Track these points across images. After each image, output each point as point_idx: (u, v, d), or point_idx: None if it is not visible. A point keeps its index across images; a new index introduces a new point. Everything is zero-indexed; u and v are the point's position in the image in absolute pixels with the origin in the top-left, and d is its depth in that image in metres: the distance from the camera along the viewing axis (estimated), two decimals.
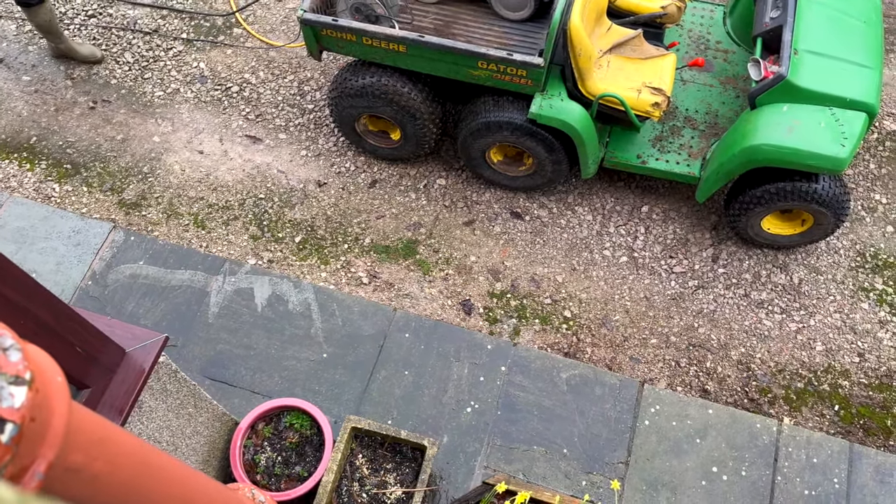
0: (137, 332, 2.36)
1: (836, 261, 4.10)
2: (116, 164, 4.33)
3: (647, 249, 4.12)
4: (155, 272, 3.88)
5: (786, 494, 3.39)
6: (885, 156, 4.41)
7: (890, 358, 3.84)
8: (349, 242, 4.11)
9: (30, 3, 3.90)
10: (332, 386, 3.60)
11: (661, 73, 3.74)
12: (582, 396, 3.59)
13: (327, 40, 3.71)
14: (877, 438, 3.64)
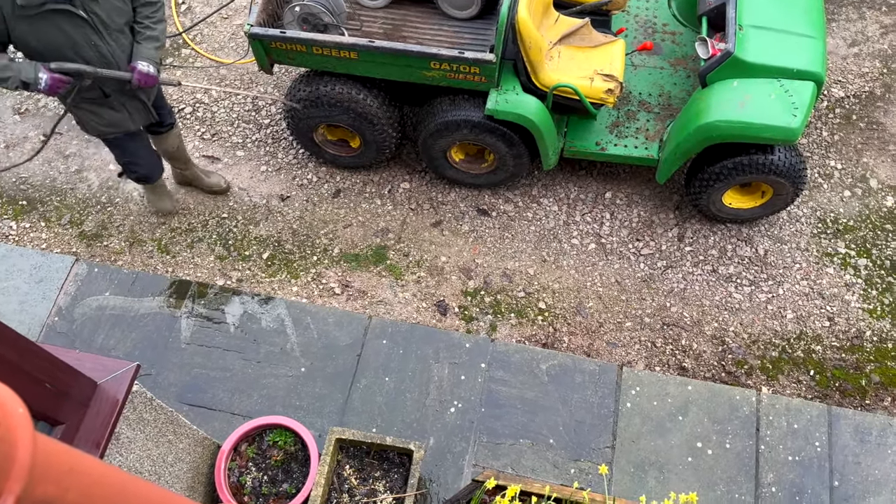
0: (108, 364, 2.32)
1: (799, 229, 4.18)
2: (73, 196, 4.25)
3: (614, 235, 4.16)
4: (122, 302, 3.81)
5: (770, 462, 3.44)
6: (836, 123, 4.50)
7: (859, 319, 3.93)
8: (318, 254, 4.08)
9: (159, 131, 3.66)
10: (313, 399, 3.57)
11: (612, 59, 3.78)
12: (563, 385, 3.61)
13: (277, 53, 3.68)
14: (853, 399, 3.72)
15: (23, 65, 2.87)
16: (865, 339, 3.87)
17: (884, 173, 4.34)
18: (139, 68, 3.09)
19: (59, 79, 2.92)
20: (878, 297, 3.99)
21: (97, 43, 2.96)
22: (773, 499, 3.36)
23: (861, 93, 4.59)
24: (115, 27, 3.00)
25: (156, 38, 3.14)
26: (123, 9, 3.00)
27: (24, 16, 2.74)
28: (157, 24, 3.15)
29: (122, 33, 3.05)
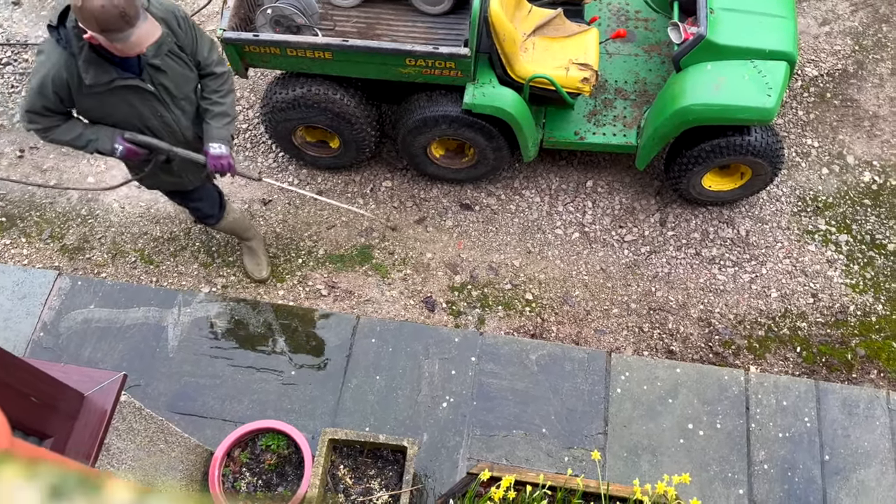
0: (94, 375, 2.31)
1: (779, 208, 4.22)
2: (53, 210, 4.22)
3: (597, 223, 4.18)
4: (108, 314, 3.79)
5: (762, 440, 3.47)
6: (810, 101, 4.54)
7: (842, 294, 3.97)
8: (303, 257, 4.07)
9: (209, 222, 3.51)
10: (305, 402, 3.57)
11: (586, 48, 3.79)
12: (553, 374, 3.62)
13: (251, 56, 3.66)
14: (840, 373, 3.76)
15: (99, 133, 2.81)
16: (849, 313, 3.92)
17: (860, 149, 4.39)
18: (211, 152, 2.95)
19: (133, 149, 2.86)
20: (859, 271, 4.03)
21: (162, 113, 2.86)
22: (765, 476, 3.39)
23: (834, 71, 4.64)
24: (181, 95, 2.88)
25: (225, 114, 2.98)
26: (191, 76, 2.87)
27: (91, 93, 2.66)
28: (226, 98, 2.98)
29: (187, 101, 2.92)
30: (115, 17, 2.34)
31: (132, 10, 2.35)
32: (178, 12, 2.74)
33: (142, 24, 2.41)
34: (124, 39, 2.41)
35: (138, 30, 2.41)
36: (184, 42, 2.77)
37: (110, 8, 2.31)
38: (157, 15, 2.62)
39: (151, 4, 2.63)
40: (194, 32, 2.82)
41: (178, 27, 2.74)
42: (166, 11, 2.69)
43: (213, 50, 2.92)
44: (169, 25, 2.69)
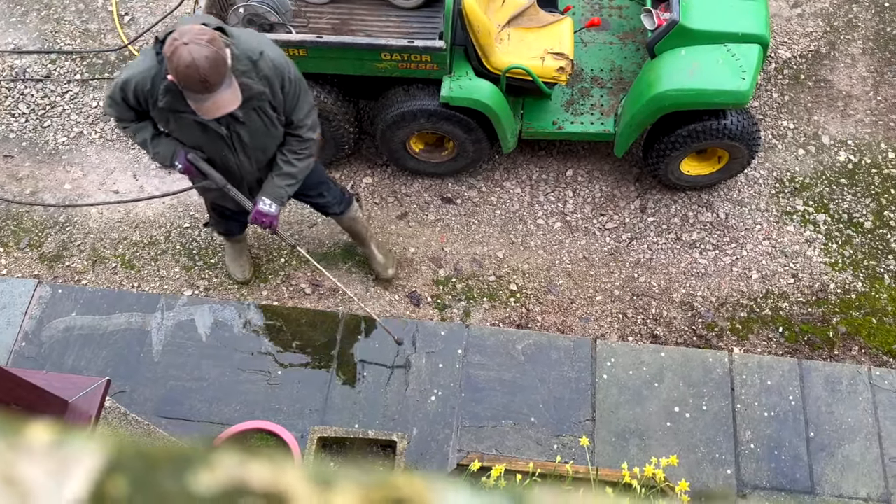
0: (77, 381, 2.29)
1: (757, 190, 4.26)
2: (30, 218, 4.17)
3: (578, 211, 4.20)
4: (90, 321, 3.76)
5: (747, 420, 3.51)
6: (785, 83, 4.59)
7: (822, 273, 4.02)
8: (285, 256, 4.06)
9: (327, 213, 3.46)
10: (293, 401, 3.56)
11: (561, 37, 3.80)
12: (540, 364, 3.64)
13: None
14: (822, 351, 3.81)
15: (163, 147, 2.80)
16: (829, 291, 3.97)
17: (834, 129, 4.44)
18: (260, 206, 2.92)
19: (191, 170, 2.86)
20: (838, 250, 4.08)
21: (227, 155, 2.82)
22: (752, 455, 3.43)
23: (807, 52, 4.68)
24: (255, 146, 2.82)
25: (292, 176, 2.91)
26: (274, 133, 2.81)
27: (164, 112, 2.65)
28: (301, 162, 2.91)
29: (261, 152, 2.87)
30: (195, 81, 2.33)
31: (215, 77, 2.33)
32: (288, 73, 2.67)
33: (222, 92, 2.39)
34: (200, 102, 2.41)
35: (216, 97, 2.39)
36: (279, 103, 2.70)
37: (193, 72, 2.30)
38: (264, 73, 2.58)
39: (263, 59, 2.58)
40: (298, 95, 2.74)
41: (281, 89, 2.67)
42: (276, 72, 2.62)
43: (309, 115, 2.83)
44: (271, 85, 2.63)
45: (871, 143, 4.39)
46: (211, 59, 2.33)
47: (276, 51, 2.69)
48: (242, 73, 2.55)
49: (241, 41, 2.60)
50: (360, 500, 0.29)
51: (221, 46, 2.41)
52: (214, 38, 2.39)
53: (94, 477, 0.28)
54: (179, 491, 0.28)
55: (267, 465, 0.30)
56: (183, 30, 2.39)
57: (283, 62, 2.68)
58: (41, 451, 0.30)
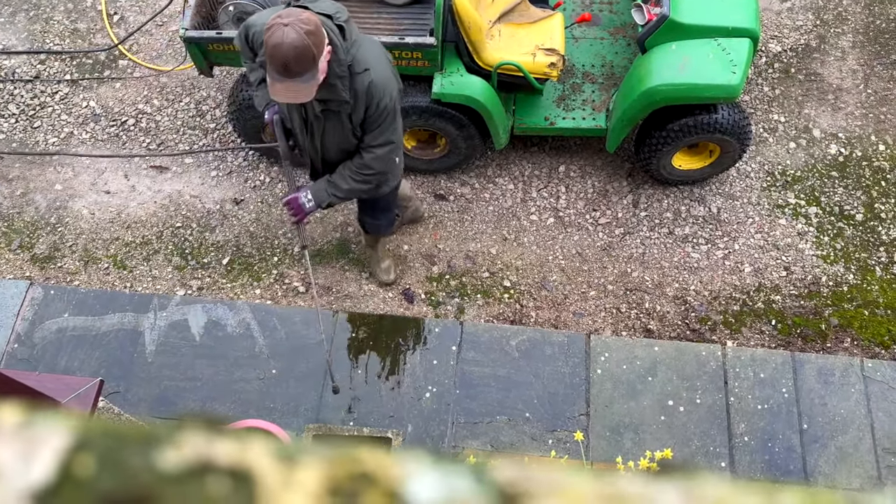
0: (70, 382, 2.28)
1: (749, 184, 4.27)
2: (21, 220, 4.15)
3: (570, 207, 4.20)
4: (82, 322, 3.75)
5: (741, 413, 3.52)
6: (775, 77, 4.60)
7: (814, 266, 4.03)
8: (278, 254, 4.05)
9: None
10: (287, 400, 3.56)
11: (552, 33, 3.81)
12: (534, 359, 3.65)
13: (216, 55, 3.63)
14: (815, 344, 3.82)
15: (262, 94, 2.83)
16: (822, 284, 3.98)
17: (825, 122, 4.45)
18: (299, 196, 2.91)
19: (271, 127, 2.91)
20: (830, 242, 4.10)
21: (297, 134, 2.86)
22: (746, 448, 3.45)
23: (797, 46, 4.70)
24: (326, 142, 2.83)
25: (341, 190, 2.87)
26: (345, 140, 2.78)
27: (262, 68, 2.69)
28: (354, 182, 2.85)
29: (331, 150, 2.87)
30: (277, 61, 2.32)
31: (295, 66, 2.32)
32: (380, 101, 2.62)
33: (298, 82, 2.37)
34: (274, 81, 2.40)
35: (290, 84, 2.37)
36: (358, 119, 2.68)
37: (277, 53, 2.30)
38: (356, 88, 2.56)
39: (364, 76, 2.55)
40: (379, 124, 2.70)
41: (366, 109, 2.64)
42: (368, 93, 2.59)
43: (382, 145, 2.78)
44: (357, 100, 2.61)
45: (861, 135, 4.41)
46: (299, 49, 2.30)
47: (383, 74, 2.62)
48: (336, 76, 2.53)
49: (358, 49, 2.56)
50: (324, 476, 0.29)
51: (320, 41, 2.36)
52: (316, 31, 2.35)
53: (62, 456, 0.29)
54: (146, 468, 0.28)
55: (232, 442, 0.31)
56: (292, 10, 2.38)
57: (382, 89, 2.61)
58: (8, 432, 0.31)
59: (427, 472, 0.29)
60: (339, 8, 2.60)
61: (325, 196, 2.91)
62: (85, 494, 0.27)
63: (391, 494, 0.29)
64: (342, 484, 0.28)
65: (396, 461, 0.30)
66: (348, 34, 2.55)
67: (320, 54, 2.38)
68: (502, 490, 0.31)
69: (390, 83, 2.66)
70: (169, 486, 0.27)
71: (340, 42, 2.50)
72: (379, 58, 2.66)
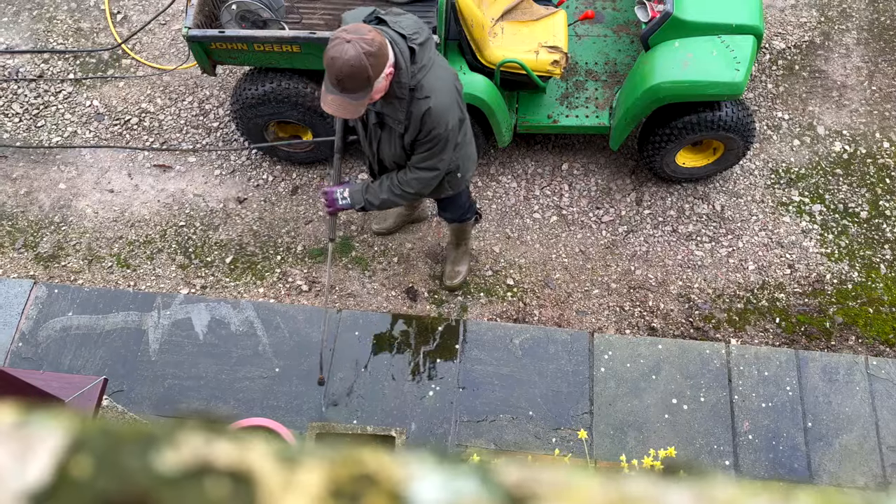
0: (74, 380, 2.28)
1: (753, 182, 4.25)
2: (25, 219, 4.16)
3: (574, 205, 4.19)
4: (86, 321, 3.75)
5: (745, 411, 3.51)
6: (779, 74, 4.58)
7: (818, 264, 4.01)
8: (281, 253, 4.05)
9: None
10: (291, 398, 3.56)
11: (555, 30, 3.79)
12: (537, 357, 3.64)
13: (218, 54, 3.63)
14: (819, 342, 3.81)
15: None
16: (826, 282, 3.97)
17: (829, 119, 4.43)
18: (337, 191, 2.94)
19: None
20: (834, 240, 4.08)
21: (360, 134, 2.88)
22: (750, 446, 3.44)
23: (801, 43, 4.68)
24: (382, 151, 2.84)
25: (377, 198, 2.87)
26: (395, 152, 2.79)
27: None
28: (392, 194, 2.85)
29: (384, 156, 2.87)
30: (332, 74, 2.32)
31: (347, 83, 2.32)
32: (433, 129, 2.60)
33: (348, 97, 2.37)
34: (326, 91, 2.40)
35: (340, 98, 2.37)
36: (409, 141, 2.68)
37: (332, 66, 2.30)
38: (412, 111, 2.55)
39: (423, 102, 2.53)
40: (430, 149, 2.68)
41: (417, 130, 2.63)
42: (423, 120, 2.57)
43: (420, 166, 2.77)
44: (411, 122, 2.60)
45: (866, 132, 4.39)
46: (354, 67, 2.29)
47: (444, 104, 2.59)
48: (395, 96, 2.52)
49: (426, 74, 2.53)
50: (326, 477, 0.29)
51: (379, 63, 2.34)
52: (378, 52, 2.32)
53: (58, 457, 0.28)
54: (144, 470, 0.27)
55: (232, 443, 0.30)
56: (361, 27, 2.35)
57: (437, 119, 2.58)
58: (3, 433, 0.30)
59: (431, 474, 0.28)
60: (418, 29, 2.56)
61: (359, 198, 2.93)
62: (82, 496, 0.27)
63: (394, 496, 0.28)
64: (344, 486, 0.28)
65: (399, 462, 0.29)
66: (419, 58, 2.51)
67: (377, 76, 2.36)
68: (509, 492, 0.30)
69: (449, 113, 2.62)
70: (167, 489, 0.27)
71: (407, 65, 2.47)
72: (445, 86, 2.63)
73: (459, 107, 2.73)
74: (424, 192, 2.91)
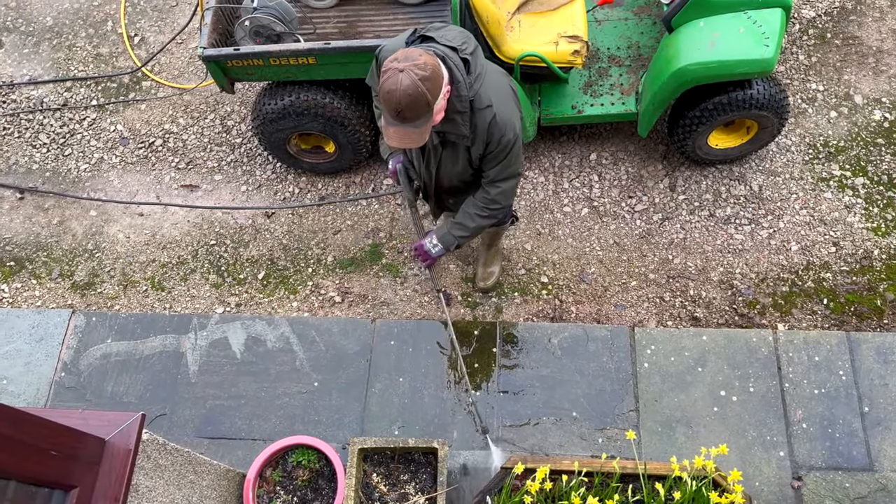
0: (113, 418, 2.28)
1: (790, 158, 4.11)
2: (59, 248, 4.21)
3: (605, 196, 4.10)
4: (125, 347, 3.78)
5: (797, 399, 3.40)
6: (811, 44, 4.41)
7: (864, 239, 3.86)
8: (312, 265, 4.03)
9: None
10: (331, 412, 3.54)
11: (574, 19, 3.69)
12: (577, 356, 3.57)
13: (235, 71, 3.61)
14: (871, 321, 3.66)
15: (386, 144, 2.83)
16: (874, 258, 3.81)
17: (867, 87, 4.25)
18: (425, 243, 2.96)
19: (395, 175, 2.98)
20: (880, 213, 3.92)
21: (420, 162, 2.85)
22: (805, 435, 3.32)
23: (832, 9, 4.49)
24: (443, 172, 2.81)
25: (466, 228, 2.86)
26: (462, 172, 2.75)
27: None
28: (480, 218, 2.82)
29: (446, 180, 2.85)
30: (391, 106, 2.28)
31: (408, 113, 2.28)
32: (502, 137, 2.54)
33: (410, 127, 2.33)
34: (387, 124, 2.36)
35: (402, 128, 2.33)
36: (478, 154, 2.63)
37: (390, 98, 2.26)
38: (476, 122, 2.51)
39: (486, 112, 2.48)
40: (500, 159, 2.63)
41: (486, 145, 2.58)
42: (489, 130, 2.52)
43: (505, 180, 2.72)
44: (476, 134, 2.55)
45: None
46: (413, 97, 2.24)
47: (507, 111, 2.54)
48: (456, 111, 2.47)
49: (482, 83, 2.48)
50: None
51: (436, 87, 2.29)
52: (432, 76, 2.27)
53: None
54: None
55: None
56: (410, 53, 2.29)
57: (504, 127, 2.53)
58: None
59: None
60: (465, 38, 2.49)
61: (451, 239, 2.92)
62: None
63: None
64: None
65: None
66: (473, 67, 2.46)
67: (435, 99, 2.31)
68: None
69: (513, 117, 2.57)
70: None
71: (464, 77, 2.41)
72: (503, 92, 2.57)
73: (518, 107, 2.66)
74: (510, 201, 2.85)
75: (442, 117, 2.46)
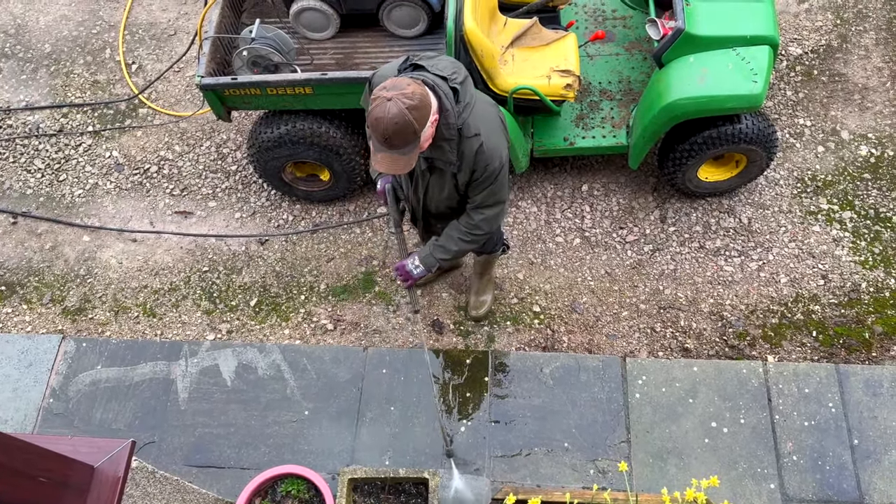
0: (102, 445, 2.27)
1: (779, 192, 4.17)
2: (51, 273, 4.20)
3: (596, 226, 4.13)
4: (115, 373, 3.76)
5: (787, 431, 3.41)
6: (798, 80, 4.50)
7: (852, 272, 3.91)
8: (305, 293, 4.04)
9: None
10: (321, 441, 3.52)
11: (566, 54, 3.76)
12: (569, 386, 3.57)
13: (232, 100, 3.65)
14: (859, 354, 3.69)
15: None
16: (862, 291, 3.85)
17: (853, 123, 4.34)
18: (407, 263, 2.96)
19: (383, 196, 3.01)
20: (867, 247, 3.97)
21: (408, 184, 2.88)
22: (795, 467, 3.33)
23: (818, 47, 4.59)
24: (429, 195, 2.85)
25: (448, 251, 2.89)
26: (447, 197, 2.79)
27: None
28: (463, 242, 2.85)
29: (432, 203, 2.89)
30: (379, 132, 2.31)
31: (395, 140, 2.31)
32: (488, 165, 2.58)
33: (397, 154, 2.36)
34: (375, 150, 2.40)
35: (389, 154, 2.37)
36: (464, 180, 2.67)
37: (378, 126, 2.29)
38: (464, 151, 2.54)
39: (474, 140, 2.52)
40: (486, 186, 2.67)
41: (471, 169, 2.61)
42: (476, 159, 2.56)
43: (490, 206, 2.76)
44: (463, 162, 2.58)
45: (892, 134, 4.28)
46: (399, 125, 2.28)
47: (494, 141, 2.58)
48: (444, 139, 2.51)
49: (471, 112, 2.52)
50: None
51: (423, 116, 2.32)
52: (420, 105, 2.30)
53: None
54: None
55: None
56: (399, 82, 2.33)
57: (491, 156, 2.57)
58: None
59: None
60: (456, 68, 2.55)
61: (432, 261, 2.94)
62: None
63: None
64: None
65: None
66: (462, 96, 2.51)
67: (423, 127, 2.35)
68: None
69: (500, 146, 2.62)
70: None
71: (452, 106, 2.46)
72: (491, 121, 2.62)
73: (506, 136, 2.71)
74: (494, 228, 2.88)
75: (430, 144, 2.51)
